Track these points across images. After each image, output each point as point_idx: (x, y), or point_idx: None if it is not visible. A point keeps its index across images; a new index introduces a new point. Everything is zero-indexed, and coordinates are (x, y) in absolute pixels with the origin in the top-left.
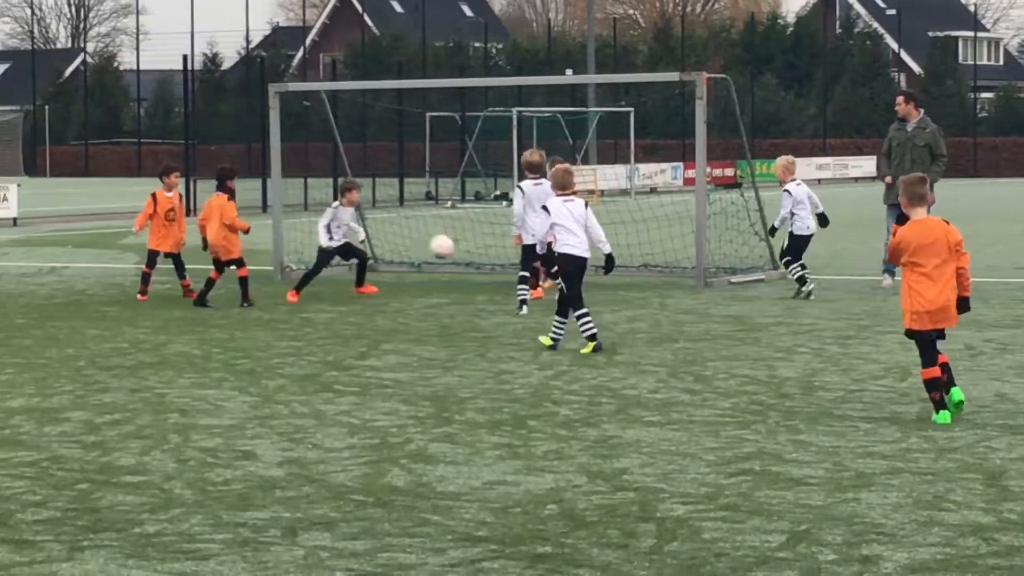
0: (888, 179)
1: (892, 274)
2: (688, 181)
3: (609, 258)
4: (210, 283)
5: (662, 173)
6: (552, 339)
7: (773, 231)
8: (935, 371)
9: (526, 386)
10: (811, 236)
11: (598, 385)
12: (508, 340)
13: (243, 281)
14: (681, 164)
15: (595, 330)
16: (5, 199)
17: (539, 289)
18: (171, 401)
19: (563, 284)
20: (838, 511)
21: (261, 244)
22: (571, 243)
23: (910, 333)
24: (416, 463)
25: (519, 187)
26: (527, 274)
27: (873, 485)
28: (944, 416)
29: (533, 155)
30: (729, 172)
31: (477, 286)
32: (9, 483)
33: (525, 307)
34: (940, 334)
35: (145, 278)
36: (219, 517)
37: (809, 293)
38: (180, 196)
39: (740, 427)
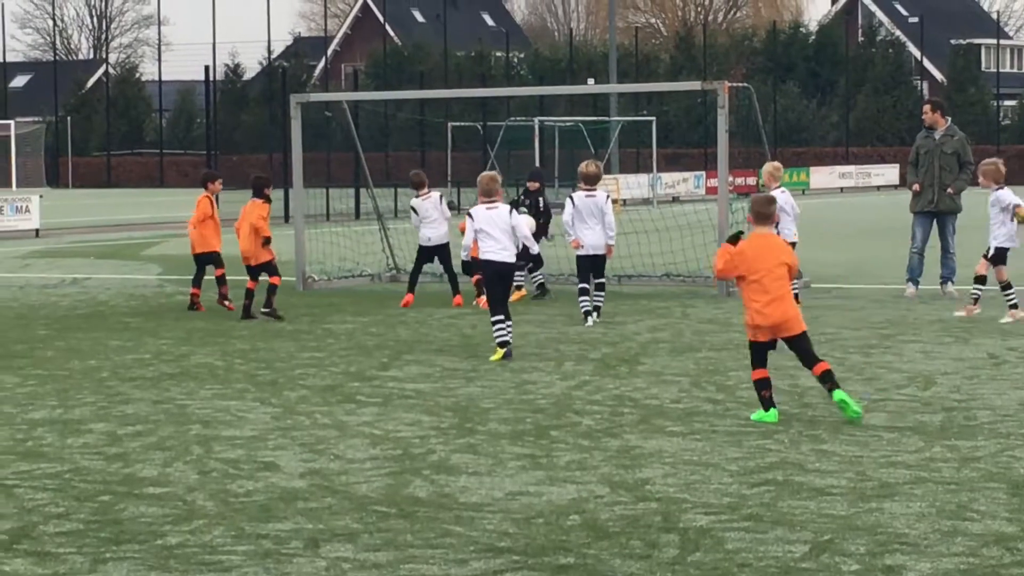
0: (916, 187)
1: (916, 283)
2: (710, 190)
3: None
4: (250, 294)
5: (684, 182)
6: (501, 345)
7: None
8: (763, 372)
9: (548, 396)
10: (794, 244)
11: (620, 395)
12: (530, 350)
13: (272, 288)
14: (703, 173)
15: (507, 338)
16: (27, 210)
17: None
18: (193, 412)
19: (484, 288)
20: (861, 521)
21: (283, 255)
22: (493, 249)
23: (750, 344)
24: (438, 474)
25: (570, 197)
26: (586, 286)
27: (896, 495)
28: (772, 415)
29: (589, 166)
30: (751, 181)
31: None
32: (32, 495)
33: (590, 318)
34: (772, 344)
35: (222, 280)
36: (241, 528)
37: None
38: None
39: (763, 437)
